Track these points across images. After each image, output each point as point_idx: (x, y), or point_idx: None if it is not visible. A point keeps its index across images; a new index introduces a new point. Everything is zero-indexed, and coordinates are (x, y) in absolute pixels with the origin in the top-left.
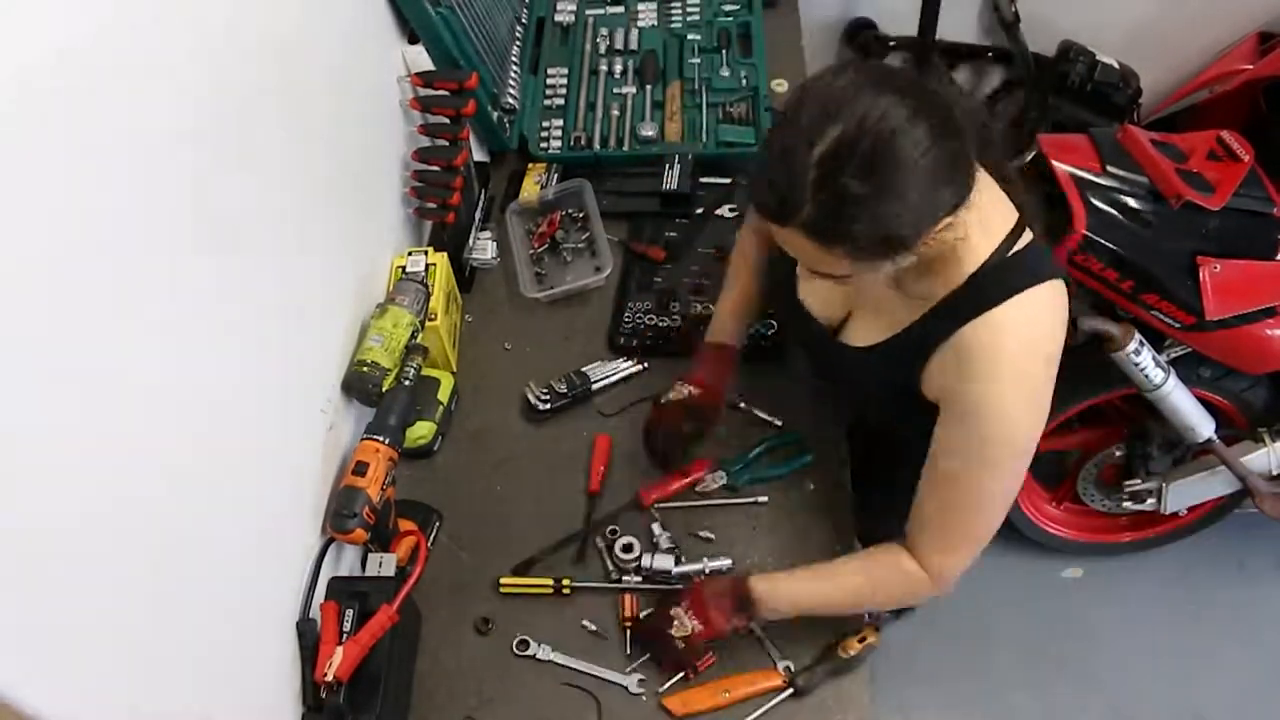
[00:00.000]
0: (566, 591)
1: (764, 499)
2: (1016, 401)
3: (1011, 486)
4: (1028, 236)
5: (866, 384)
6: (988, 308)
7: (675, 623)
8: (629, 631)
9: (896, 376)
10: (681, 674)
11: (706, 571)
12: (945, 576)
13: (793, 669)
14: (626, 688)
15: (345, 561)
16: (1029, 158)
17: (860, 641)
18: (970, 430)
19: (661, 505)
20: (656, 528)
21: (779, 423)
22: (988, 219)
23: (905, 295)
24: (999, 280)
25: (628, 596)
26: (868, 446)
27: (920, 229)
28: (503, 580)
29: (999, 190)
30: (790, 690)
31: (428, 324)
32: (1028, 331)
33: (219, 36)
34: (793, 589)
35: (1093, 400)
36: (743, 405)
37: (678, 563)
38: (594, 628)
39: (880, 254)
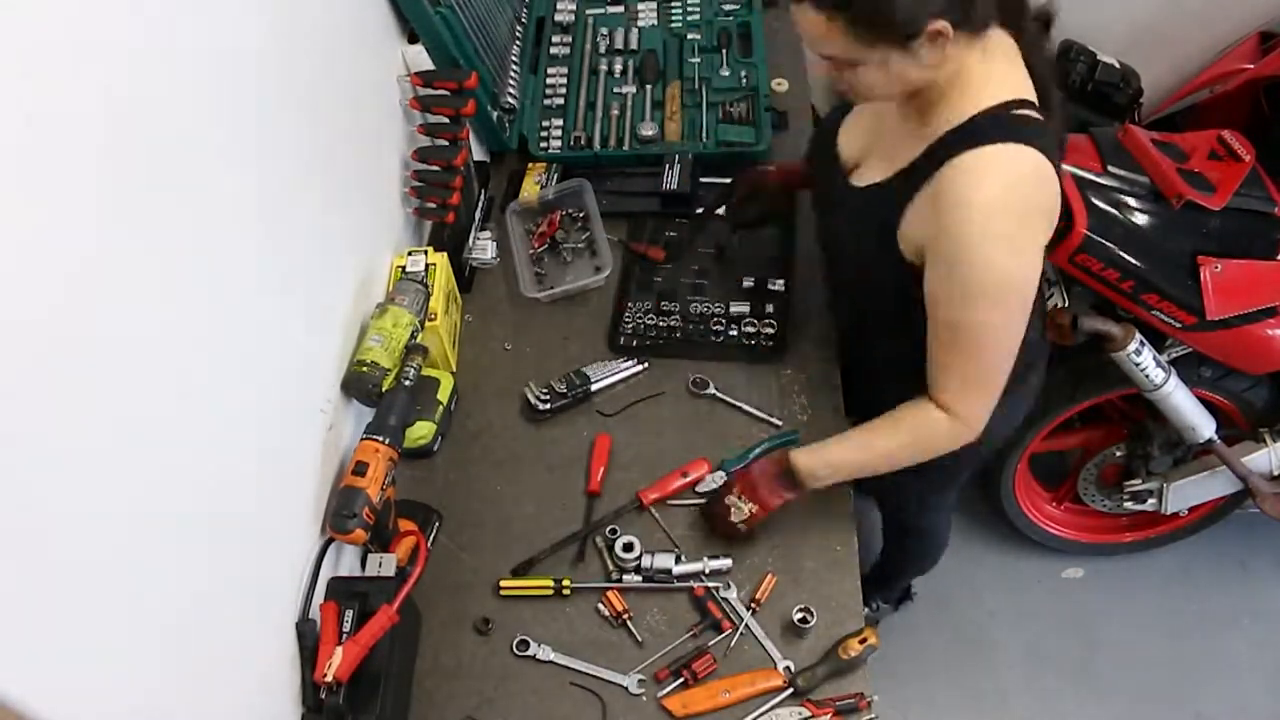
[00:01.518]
0: (566, 592)
1: None
2: (987, 243)
3: (1010, 324)
4: (1031, 114)
5: (858, 229)
6: (968, 149)
7: (732, 509)
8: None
9: (884, 218)
10: (681, 680)
11: (707, 571)
12: (971, 418)
13: (793, 669)
14: (627, 688)
15: (345, 562)
16: None
17: (861, 642)
18: (953, 275)
19: (661, 506)
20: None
21: (779, 422)
22: (1000, 78)
23: (910, 132)
24: (985, 128)
25: (612, 593)
26: (860, 377)
27: (913, 16)
28: (503, 582)
29: (1024, 72)
30: (790, 690)
31: (428, 324)
32: (1001, 174)
33: (219, 36)
34: (831, 456)
35: (1093, 400)
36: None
37: (678, 561)
38: (594, 628)
39: (874, 33)
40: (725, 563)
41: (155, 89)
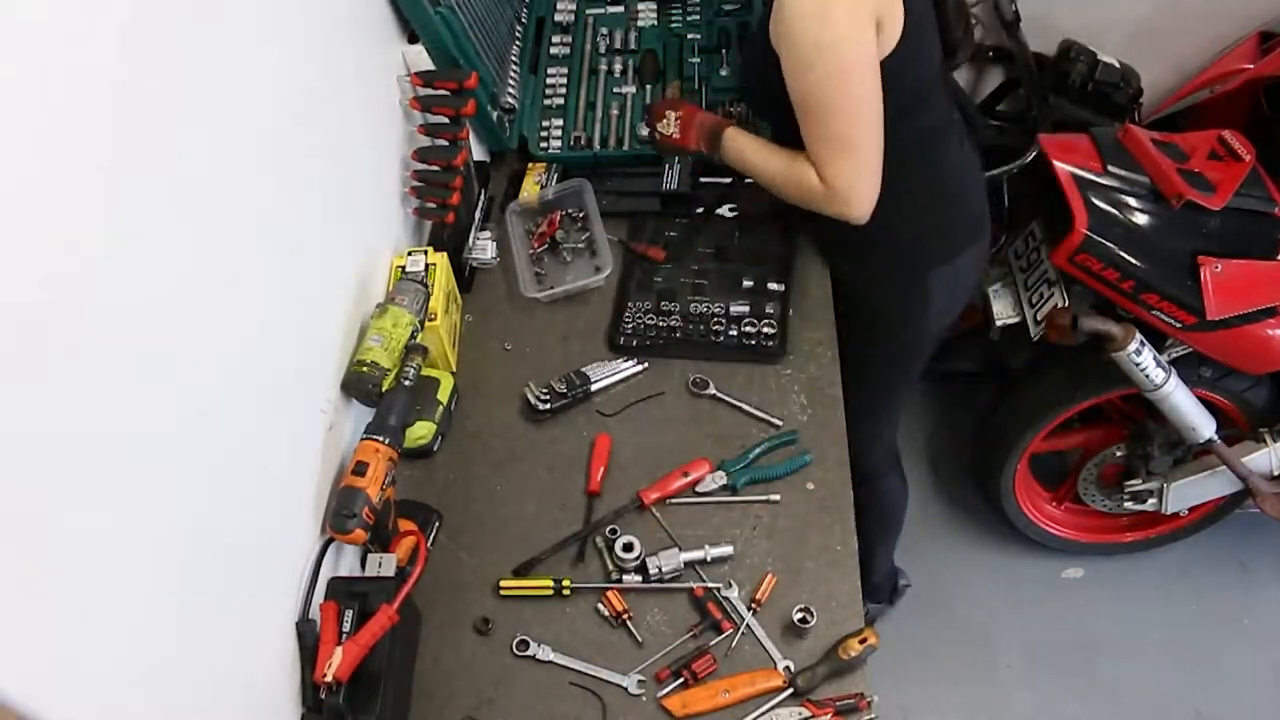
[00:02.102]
0: (566, 592)
1: (775, 497)
2: (797, 15)
3: (846, 95)
4: None
5: (753, 62)
6: None
7: (664, 120)
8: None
9: (764, 38)
10: (681, 680)
11: (709, 559)
12: (834, 188)
13: (793, 669)
14: (626, 688)
15: (345, 561)
16: (1029, 158)
17: (861, 642)
18: (785, 53)
19: (662, 506)
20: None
21: (779, 422)
22: None
23: None
24: None
25: (612, 593)
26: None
27: None
28: (503, 583)
29: None
30: (790, 690)
31: (428, 324)
32: None
33: (218, 36)
34: (747, 145)
35: (1093, 400)
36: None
37: (680, 551)
38: (594, 628)
39: None
40: (727, 549)
41: (154, 88)
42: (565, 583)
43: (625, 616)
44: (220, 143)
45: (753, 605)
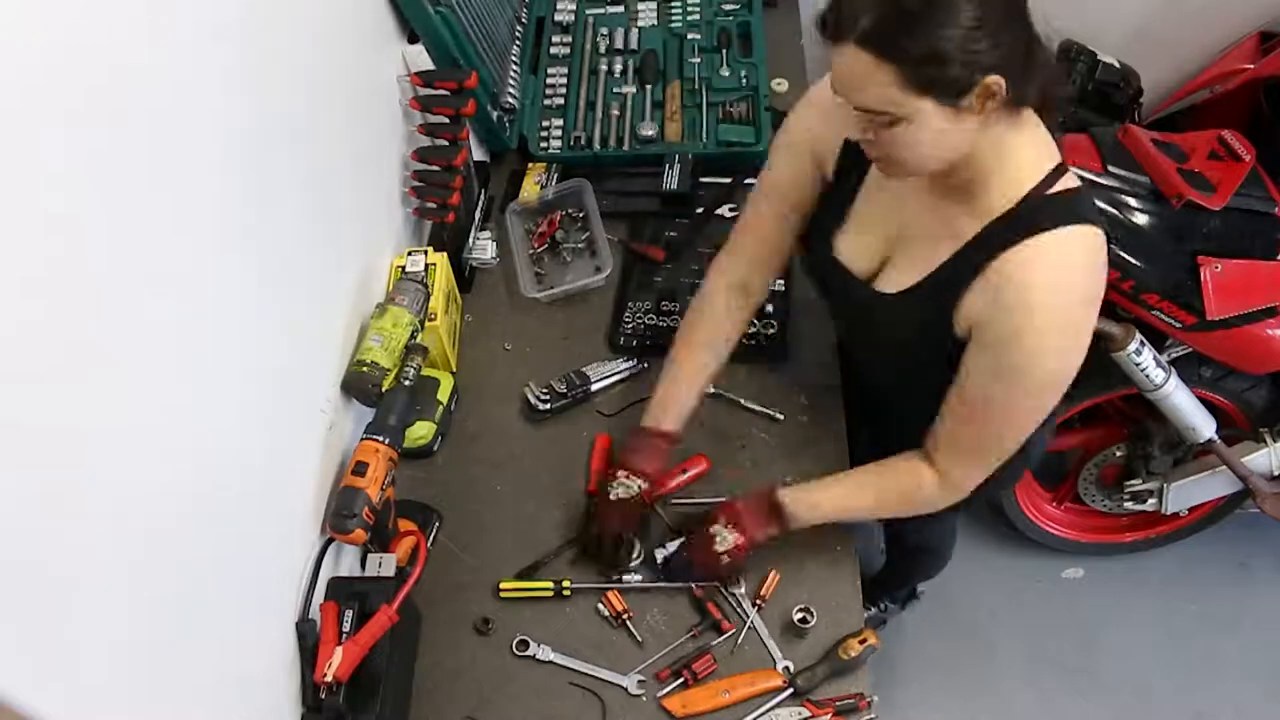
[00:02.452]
0: (566, 593)
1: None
2: (1047, 334)
3: (1040, 413)
4: (1071, 181)
5: (901, 331)
6: (1026, 238)
7: (717, 538)
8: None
9: (931, 316)
10: (681, 680)
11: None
12: (964, 484)
13: (792, 669)
14: (626, 689)
15: (345, 562)
16: None
17: (860, 643)
18: (1001, 357)
19: (662, 504)
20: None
21: (780, 415)
22: (1035, 154)
23: (944, 221)
24: (1039, 213)
25: (612, 593)
26: (867, 425)
27: (967, 61)
28: (502, 584)
29: (1047, 134)
30: (790, 690)
31: (428, 324)
32: (1063, 266)
33: (218, 35)
34: (815, 497)
35: (1093, 400)
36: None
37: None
38: (594, 628)
39: (926, 79)
40: (731, 537)
41: (153, 88)
42: (565, 583)
43: (625, 616)
44: (220, 142)
45: (757, 602)
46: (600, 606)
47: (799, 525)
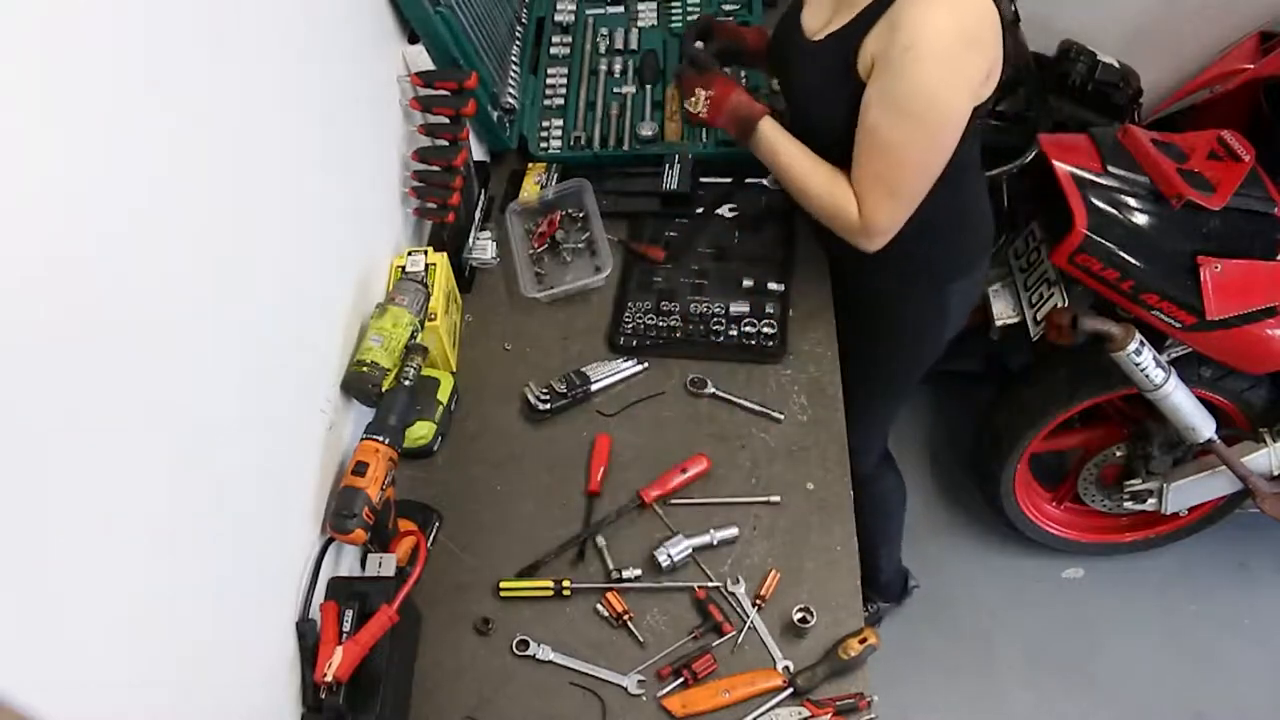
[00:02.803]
0: (566, 593)
1: (775, 498)
2: (922, 64)
3: (927, 146)
4: None
5: (811, 77)
6: None
7: (693, 98)
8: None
9: (838, 62)
10: (681, 680)
11: (715, 542)
12: (872, 220)
13: (792, 669)
14: (626, 688)
15: (345, 561)
16: (1029, 157)
17: (860, 642)
18: (886, 86)
19: (663, 505)
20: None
21: (779, 415)
22: None
23: None
24: None
25: (612, 594)
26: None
27: None
28: (502, 584)
29: None
30: (790, 690)
31: (428, 324)
32: (947, 7)
33: (217, 35)
34: (781, 143)
35: (1093, 400)
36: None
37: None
38: (594, 628)
39: None
40: (732, 531)
41: (151, 87)
42: (565, 583)
43: (626, 617)
44: (220, 142)
45: (757, 601)
46: (599, 607)
47: (752, 145)
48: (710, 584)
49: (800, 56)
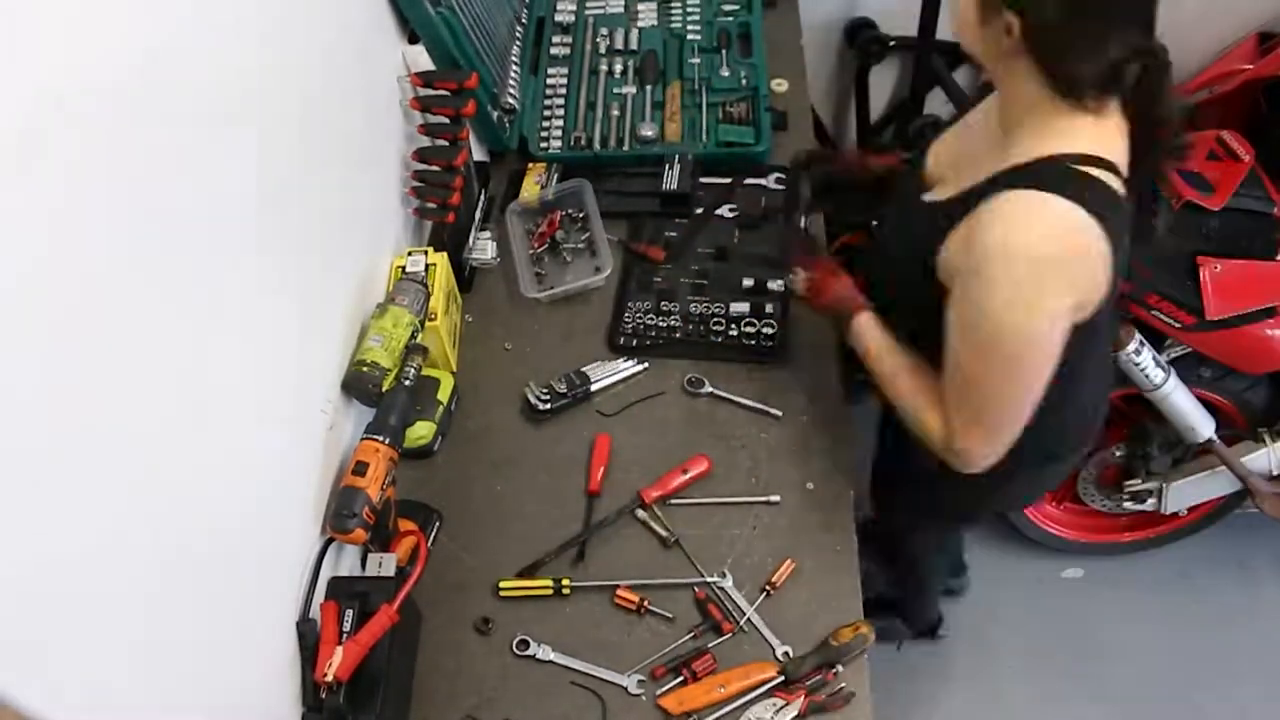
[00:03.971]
0: (566, 592)
1: (775, 498)
2: (993, 290)
3: (1011, 380)
4: (1094, 171)
5: (908, 243)
6: (1008, 190)
7: (795, 276)
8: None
9: (932, 235)
10: (681, 679)
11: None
12: (959, 450)
13: (791, 654)
14: (626, 688)
15: (345, 561)
16: None
17: (853, 631)
18: (959, 310)
19: (662, 505)
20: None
21: (778, 413)
22: (1086, 134)
23: (990, 158)
24: (1040, 174)
25: (623, 589)
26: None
27: None
28: (502, 584)
29: (1119, 137)
30: (782, 679)
31: (428, 324)
32: (1020, 223)
33: (217, 35)
34: (874, 348)
35: None
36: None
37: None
38: (594, 628)
39: None
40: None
41: (151, 87)
42: (565, 582)
43: (644, 606)
44: (218, 142)
45: (765, 588)
46: (614, 603)
47: (849, 340)
48: (706, 580)
49: (904, 211)
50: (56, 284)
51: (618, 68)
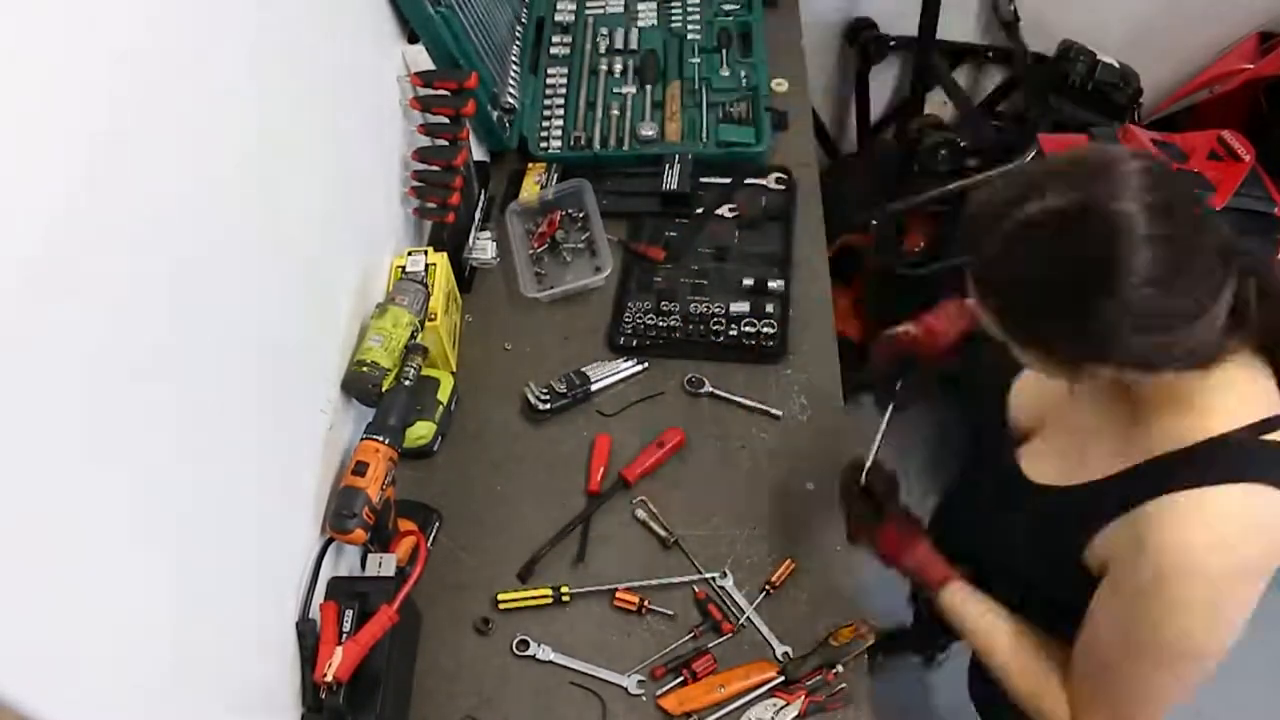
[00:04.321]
0: (566, 599)
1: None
2: (1181, 608)
3: (1174, 690)
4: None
5: (1030, 528)
6: (1188, 487)
7: (856, 512)
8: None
9: (1066, 528)
10: (681, 679)
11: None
12: None
13: (790, 654)
14: (626, 689)
15: (345, 561)
16: (1029, 158)
17: (852, 631)
18: (1123, 615)
19: (659, 502)
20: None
21: (778, 412)
22: (1240, 393)
23: (1111, 430)
24: (1216, 461)
25: (622, 591)
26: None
27: (1082, 356)
28: (500, 595)
29: (1269, 379)
30: (782, 679)
31: (428, 324)
32: (1216, 533)
33: (216, 35)
34: (970, 620)
35: None
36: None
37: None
38: (594, 628)
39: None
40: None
41: (151, 87)
42: (564, 589)
43: (645, 606)
44: (218, 142)
45: (766, 587)
46: (616, 605)
47: (939, 605)
48: (706, 575)
49: (1007, 485)
50: (56, 284)
51: (618, 67)
